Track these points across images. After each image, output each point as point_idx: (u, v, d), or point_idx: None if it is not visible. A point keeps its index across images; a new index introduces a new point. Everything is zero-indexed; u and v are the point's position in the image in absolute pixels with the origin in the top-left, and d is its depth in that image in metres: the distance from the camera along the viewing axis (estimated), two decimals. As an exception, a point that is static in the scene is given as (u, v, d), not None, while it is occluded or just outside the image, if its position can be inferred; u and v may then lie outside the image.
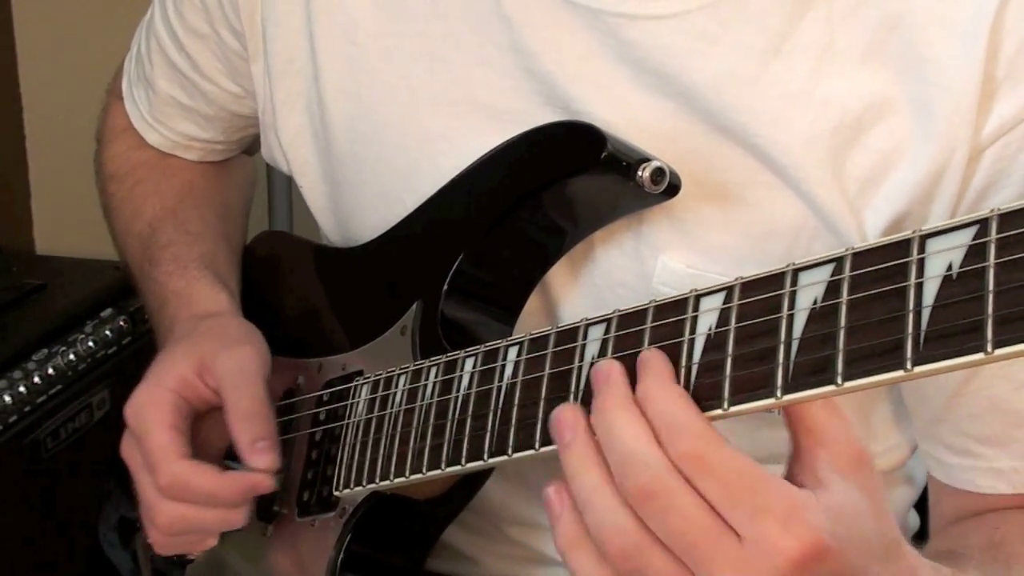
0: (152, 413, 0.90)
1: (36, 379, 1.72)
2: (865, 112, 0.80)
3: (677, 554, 0.62)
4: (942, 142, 0.78)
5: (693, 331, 0.66)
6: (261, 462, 0.88)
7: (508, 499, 0.97)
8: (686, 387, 0.66)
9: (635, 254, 0.87)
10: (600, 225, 0.86)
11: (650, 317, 0.69)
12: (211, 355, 0.92)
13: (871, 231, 0.82)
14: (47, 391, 1.74)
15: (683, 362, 0.67)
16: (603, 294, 0.88)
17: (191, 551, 0.97)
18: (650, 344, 0.69)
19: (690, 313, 0.67)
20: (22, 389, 1.70)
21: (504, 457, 0.76)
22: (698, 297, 0.67)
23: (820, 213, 0.82)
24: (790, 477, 0.65)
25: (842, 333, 0.60)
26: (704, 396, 0.66)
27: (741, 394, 0.64)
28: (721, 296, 0.66)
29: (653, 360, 0.66)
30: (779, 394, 0.63)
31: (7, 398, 1.68)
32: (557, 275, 0.90)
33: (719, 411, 0.65)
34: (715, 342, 0.66)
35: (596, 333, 0.72)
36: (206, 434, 0.93)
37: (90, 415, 1.80)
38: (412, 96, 0.92)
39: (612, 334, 0.71)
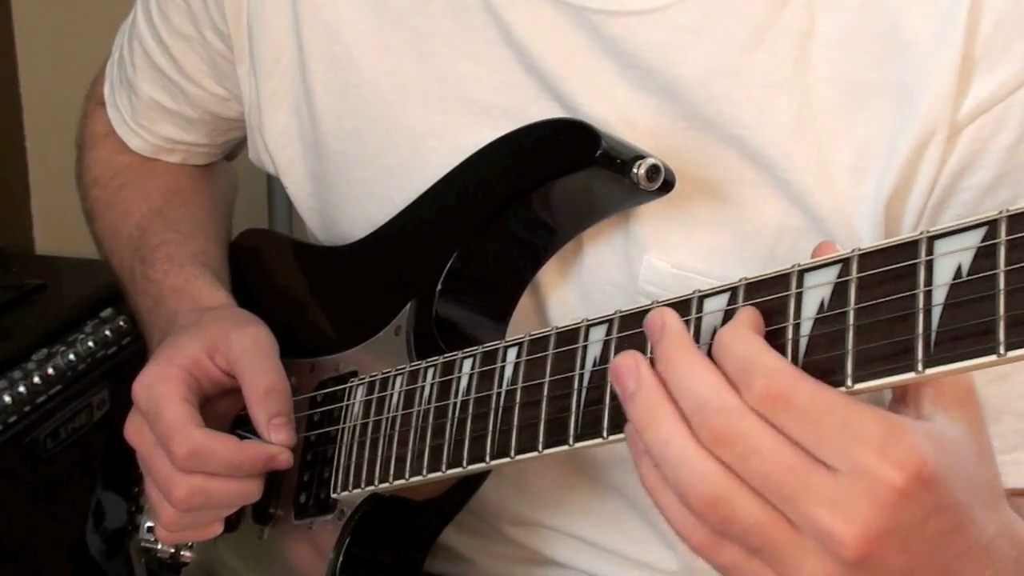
0: (165, 388, 0.90)
1: (36, 379, 1.71)
2: (848, 99, 0.80)
3: (767, 497, 0.58)
4: (923, 124, 0.77)
5: (698, 333, 0.66)
6: (278, 438, 0.89)
7: (506, 499, 0.97)
8: None
9: (624, 252, 0.86)
10: (593, 221, 0.86)
11: (653, 318, 0.68)
12: (222, 336, 0.92)
13: (861, 219, 0.80)
14: (47, 391, 1.73)
15: None
16: (591, 293, 0.88)
17: (198, 537, 0.96)
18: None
19: (694, 314, 0.66)
20: (22, 389, 1.69)
21: (507, 459, 0.76)
22: (701, 298, 0.66)
23: (807, 206, 0.81)
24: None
25: (851, 334, 0.60)
26: None
27: None
28: (725, 297, 0.65)
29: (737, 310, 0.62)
30: None
31: (7, 398, 1.67)
32: (546, 273, 0.89)
33: None
34: (720, 344, 0.65)
35: (598, 334, 0.71)
36: (207, 421, 0.92)
37: (90, 415, 1.79)
38: (400, 93, 0.92)
39: (614, 335, 0.70)
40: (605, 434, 0.70)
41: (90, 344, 1.80)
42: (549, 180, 0.83)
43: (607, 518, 0.95)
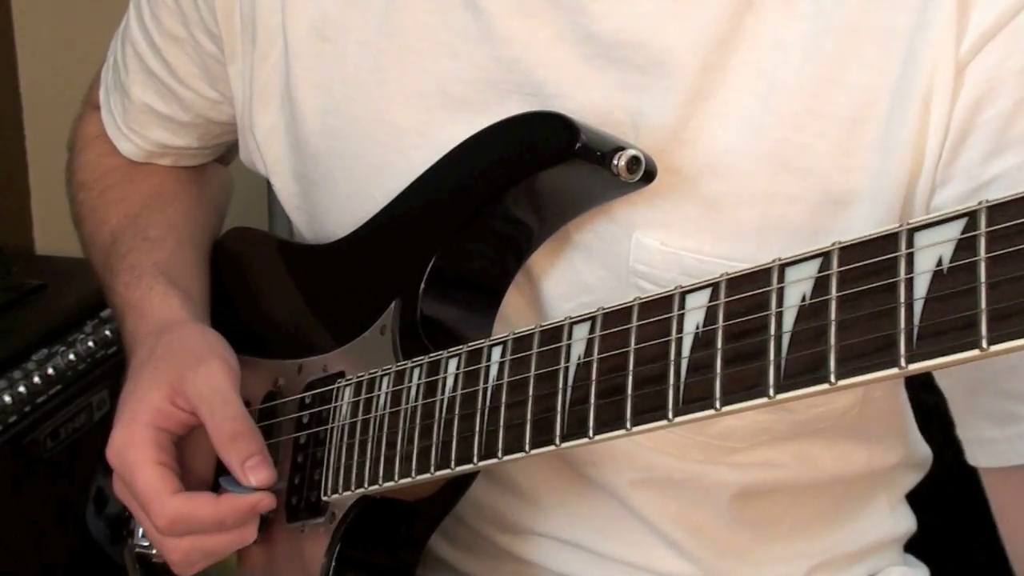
0: (134, 454, 0.89)
1: (36, 379, 1.71)
2: (840, 49, 0.77)
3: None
4: (925, 65, 0.75)
5: (680, 329, 0.65)
6: (257, 480, 0.87)
7: (497, 504, 0.96)
8: (675, 387, 0.65)
9: (610, 236, 0.84)
10: (576, 214, 0.85)
11: (635, 315, 0.68)
12: (178, 379, 0.90)
13: (863, 170, 0.78)
14: (47, 391, 1.73)
15: (671, 361, 0.65)
16: (584, 279, 0.86)
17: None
18: (636, 343, 0.67)
19: (676, 311, 0.65)
20: (22, 389, 1.69)
21: (494, 460, 0.75)
22: (683, 294, 0.66)
23: (797, 166, 0.79)
24: None
25: (833, 329, 0.59)
26: (695, 396, 0.65)
27: (733, 393, 0.63)
28: (707, 293, 0.65)
29: None
30: (772, 393, 0.61)
31: (7, 398, 1.67)
32: (538, 264, 0.88)
33: (711, 411, 0.64)
34: (703, 340, 0.65)
35: (581, 332, 0.71)
36: (191, 454, 0.92)
37: (90, 415, 1.79)
38: (382, 90, 0.91)
39: (597, 333, 0.70)
40: (591, 434, 0.69)
41: (90, 344, 1.79)
42: (529, 174, 0.82)
43: (600, 521, 0.94)
